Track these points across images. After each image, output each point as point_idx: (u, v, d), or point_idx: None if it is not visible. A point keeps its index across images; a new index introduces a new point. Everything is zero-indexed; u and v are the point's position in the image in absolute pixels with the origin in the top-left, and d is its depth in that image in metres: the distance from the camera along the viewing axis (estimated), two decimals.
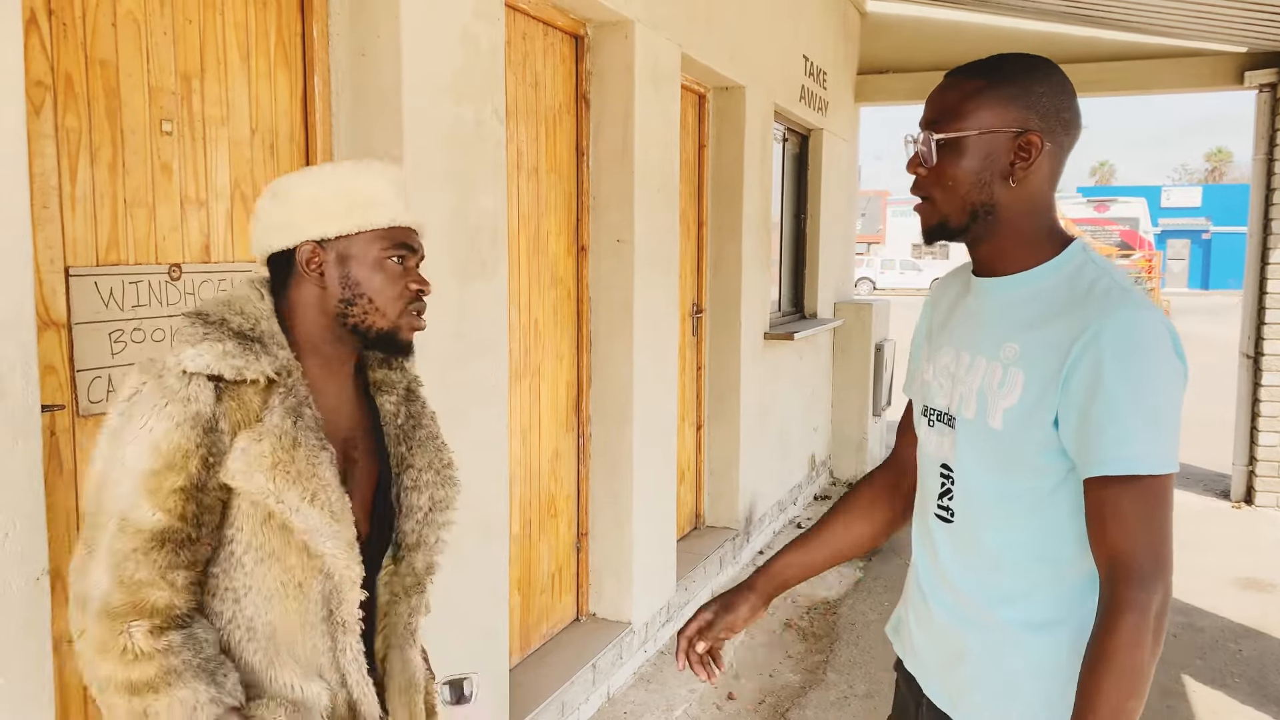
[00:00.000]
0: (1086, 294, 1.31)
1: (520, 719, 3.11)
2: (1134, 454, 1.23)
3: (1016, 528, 1.36)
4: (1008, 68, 1.35)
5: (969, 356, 1.40)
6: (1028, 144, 1.33)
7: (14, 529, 1.55)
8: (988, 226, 1.36)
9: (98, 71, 1.89)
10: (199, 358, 1.25)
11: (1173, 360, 1.28)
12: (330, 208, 1.35)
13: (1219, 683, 3.94)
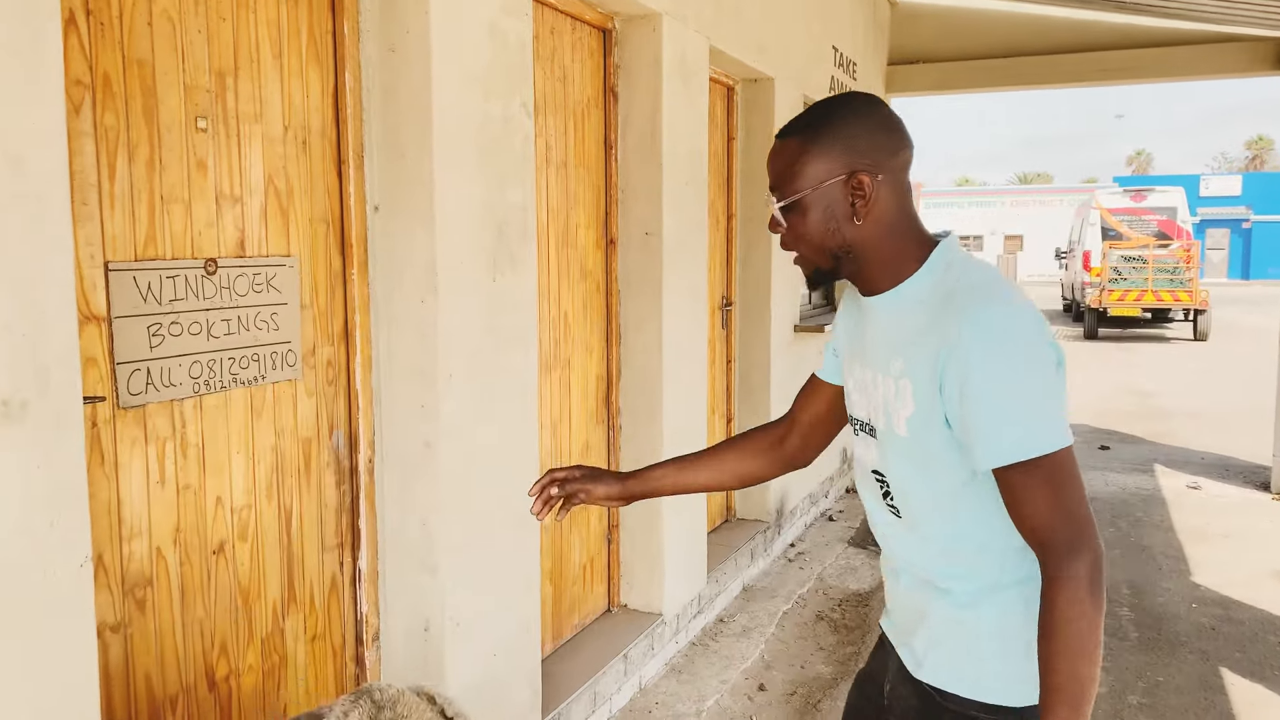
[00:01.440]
0: (947, 300, 1.38)
1: (553, 708, 3.14)
2: (1020, 441, 1.30)
3: (952, 518, 1.45)
4: (820, 121, 1.43)
5: (871, 372, 1.50)
6: (859, 184, 1.41)
7: (59, 517, 1.59)
8: (853, 262, 1.46)
9: (134, 70, 1.93)
10: None
11: (1034, 345, 1.33)
12: None
13: (1258, 675, 3.89)
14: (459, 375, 2.60)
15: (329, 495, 2.46)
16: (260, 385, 2.24)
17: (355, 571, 2.55)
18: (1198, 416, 9.89)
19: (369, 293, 2.52)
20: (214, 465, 2.13)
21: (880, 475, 1.52)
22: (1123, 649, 4.14)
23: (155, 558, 2.00)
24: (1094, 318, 18.17)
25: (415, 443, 2.55)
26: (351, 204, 2.46)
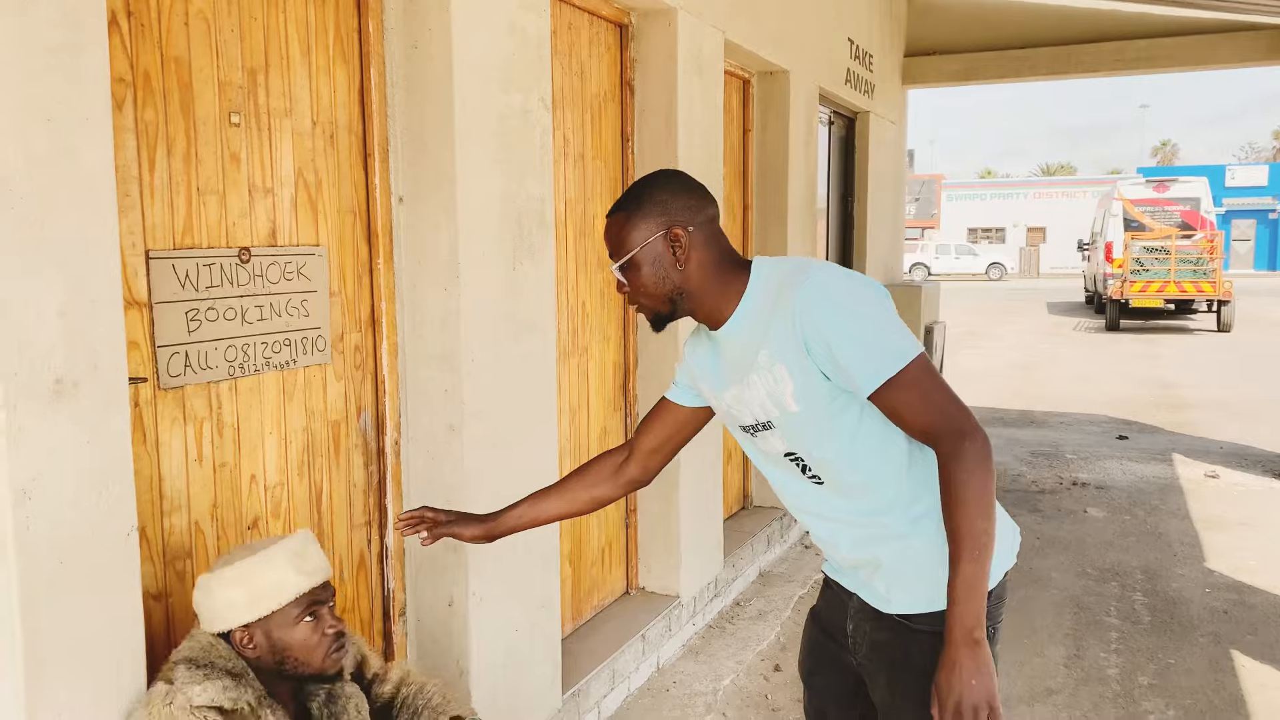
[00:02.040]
0: (779, 289, 1.67)
1: (572, 684, 3.23)
2: (880, 365, 1.58)
3: (864, 459, 1.69)
4: (637, 196, 1.74)
5: (743, 382, 1.74)
6: (674, 237, 1.71)
7: (107, 488, 1.69)
8: (688, 301, 1.75)
9: (172, 68, 2.03)
10: (202, 695, 1.66)
11: (856, 290, 1.64)
12: (240, 604, 1.76)
13: (1268, 657, 3.93)
14: (480, 361, 2.69)
15: (357, 475, 2.57)
16: (292, 369, 2.34)
17: (383, 548, 2.65)
18: (1218, 407, 9.87)
19: (394, 281, 2.62)
20: (248, 445, 2.24)
21: (793, 455, 1.75)
22: (1135, 632, 4.20)
23: (194, 531, 2.10)
24: (1115, 309, 18.09)
25: (439, 425, 2.65)
26: (377, 195, 2.56)
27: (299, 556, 1.82)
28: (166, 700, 1.66)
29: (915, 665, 1.69)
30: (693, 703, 3.59)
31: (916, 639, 1.70)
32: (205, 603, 1.80)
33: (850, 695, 1.90)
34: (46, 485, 1.59)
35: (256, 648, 1.78)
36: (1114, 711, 3.50)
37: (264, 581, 1.77)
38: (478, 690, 2.72)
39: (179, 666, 1.72)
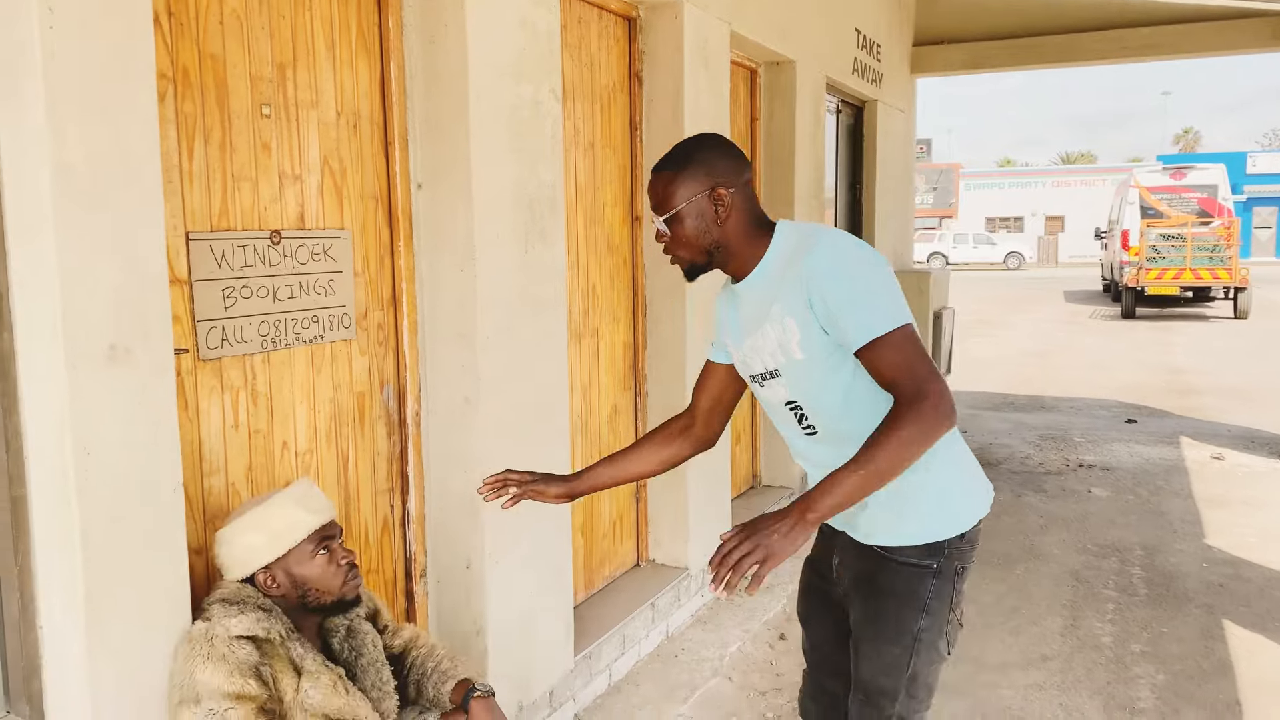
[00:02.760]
0: (795, 249, 1.88)
1: (585, 647, 3.40)
2: (870, 325, 1.75)
3: (854, 412, 1.87)
4: (685, 155, 1.92)
5: (759, 332, 1.93)
6: (718, 196, 1.89)
7: (156, 446, 1.87)
8: (722, 254, 1.94)
9: (209, 64, 2.20)
10: (240, 625, 1.85)
11: (861, 257, 1.82)
12: (260, 546, 1.95)
13: (1259, 626, 4.06)
14: (495, 338, 2.86)
15: (381, 444, 2.74)
16: (320, 344, 2.52)
17: (404, 514, 2.82)
18: (1229, 392, 9.93)
19: (414, 262, 2.79)
20: (280, 414, 2.41)
21: (793, 404, 1.95)
22: (1131, 603, 4.33)
23: (230, 493, 2.28)
24: (1131, 297, 18.09)
25: (457, 398, 2.82)
26: (398, 182, 2.73)
27: (305, 498, 2.02)
28: (207, 635, 1.83)
29: (889, 590, 1.92)
30: (700, 667, 3.76)
31: (892, 568, 1.92)
32: (226, 553, 1.98)
33: (844, 635, 2.08)
34: (104, 441, 1.77)
35: (280, 585, 1.97)
36: (1105, 675, 3.64)
37: (278, 523, 1.96)
38: (494, 648, 2.89)
39: (214, 606, 1.90)
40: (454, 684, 2.21)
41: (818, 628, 2.18)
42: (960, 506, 1.95)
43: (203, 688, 1.77)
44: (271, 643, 1.87)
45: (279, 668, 1.86)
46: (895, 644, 1.93)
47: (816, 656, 2.20)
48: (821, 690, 2.19)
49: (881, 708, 1.96)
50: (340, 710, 1.92)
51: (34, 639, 1.79)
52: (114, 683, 1.79)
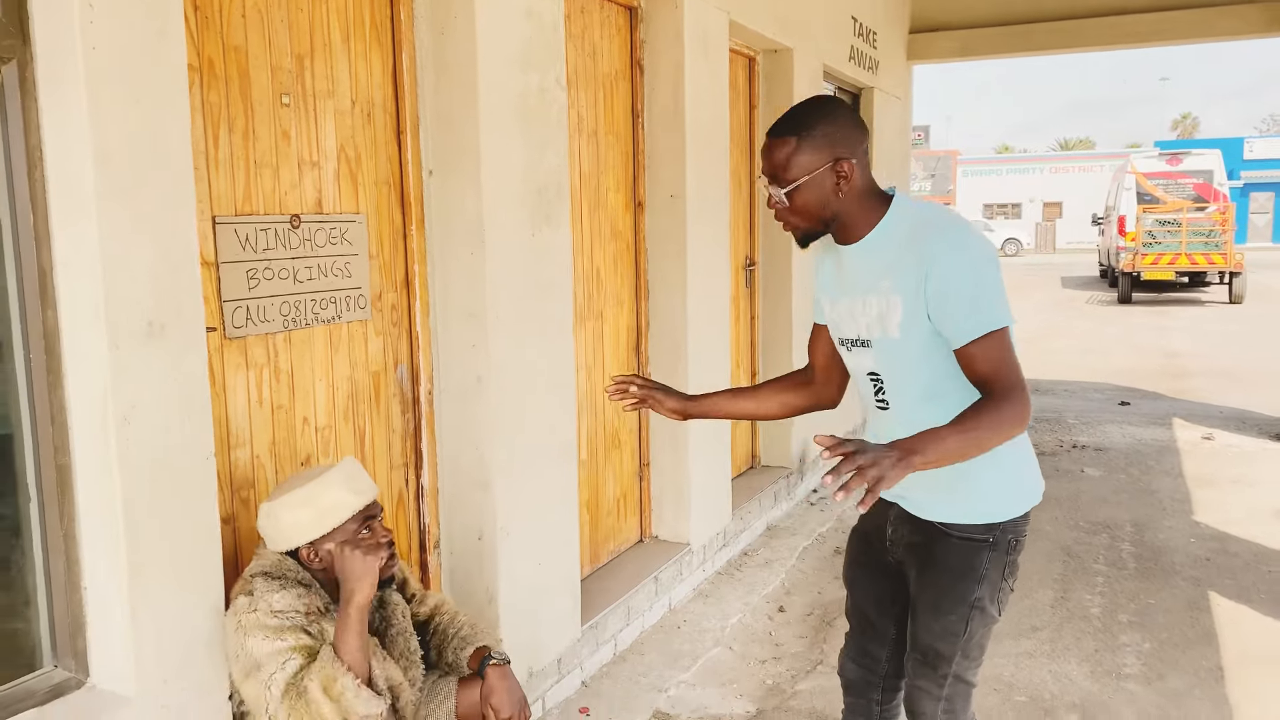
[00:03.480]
0: (915, 231, 1.91)
1: (590, 618, 3.52)
2: (981, 322, 1.82)
3: (929, 399, 1.94)
4: (807, 124, 1.90)
5: (860, 299, 1.99)
6: (841, 168, 1.90)
7: (190, 417, 1.98)
8: (837, 223, 1.96)
9: (232, 55, 2.30)
10: (281, 601, 1.95)
11: (985, 256, 1.86)
12: (306, 523, 2.04)
13: (1244, 598, 4.18)
14: (504, 319, 2.97)
15: (395, 421, 2.85)
16: (337, 324, 2.63)
17: (419, 487, 2.94)
18: (1221, 375, 10.06)
19: (426, 246, 2.89)
20: (301, 390, 2.52)
21: (875, 375, 2.01)
22: (1120, 576, 4.46)
23: (255, 465, 2.39)
24: (1128, 282, 18.21)
25: (468, 377, 2.93)
26: (409, 168, 2.83)
27: (352, 479, 2.11)
28: (251, 608, 1.94)
29: (946, 563, 2.01)
30: (702, 638, 3.88)
31: (947, 542, 2.01)
32: (271, 526, 2.07)
33: (887, 599, 2.21)
34: (142, 412, 1.88)
35: (321, 560, 2.07)
36: (1093, 644, 3.77)
37: (325, 502, 2.06)
38: (505, 617, 3.01)
39: (256, 579, 2.01)
40: (472, 650, 2.32)
41: (863, 594, 2.27)
42: (1017, 493, 2.02)
43: (260, 655, 1.89)
44: (311, 615, 1.98)
45: (324, 626, 1.98)
46: (952, 612, 2.01)
47: (860, 621, 2.29)
48: (864, 653, 2.29)
49: (938, 668, 2.07)
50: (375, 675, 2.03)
51: (79, 599, 1.90)
52: (154, 639, 1.91)
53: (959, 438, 1.72)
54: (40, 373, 1.85)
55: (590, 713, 3.29)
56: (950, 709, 2.10)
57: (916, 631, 2.10)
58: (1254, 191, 38.56)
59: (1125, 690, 3.40)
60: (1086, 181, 42.34)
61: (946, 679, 2.07)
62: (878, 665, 2.26)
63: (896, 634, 2.22)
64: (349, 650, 1.91)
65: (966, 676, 2.09)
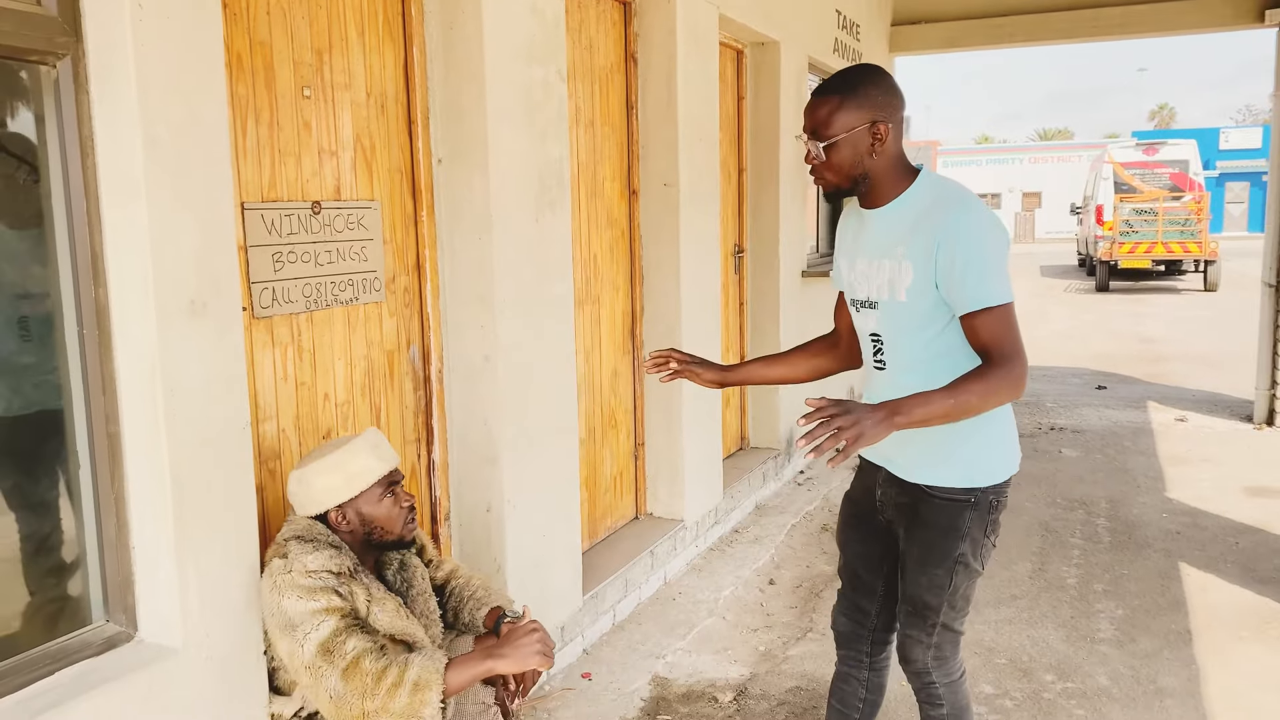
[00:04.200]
0: (934, 204, 2.05)
1: (591, 589, 3.68)
2: (984, 295, 1.97)
3: (923, 364, 2.10)
4: (852, 86, 2.05)
5: (875, 262, 2.14)
6: (877, 131, 2.04)
7: (229, 389, 2.12)
8: (865, 184, 2.12)
9: (258, 50, 2.43)
10: (315, 561, 2.07)
11: (996, 234, 2.00)
12: (337, 486, 2.18)
13: (1212, 568, 4.38)
14: (510, 301, 3.11)
15: (408, 398, 3.00)
16: (355, 305, 2.76)
17: (430, 462, 3.08)
18: (1196, 359, 10.31)
19: (436, 231, 3.03)
20: (322, 368, 2.66)
21: (877, 336, 2.17)
22: (1095, 549, 4.65)
23: (281, 437, 2.53)
24: (1105, 270, 18.51)
25: (476, 356, 3.07)
26: (420, 157, 2.97)
27: (376, 446, 2.25)
28: (286, 569, 2.07)
29: (932, 523, 2.17)
30: (696, 609, 4.05)
31: (932, 504, 2.16)
32: (302, 492, 2.21)
33: (876, 558, 2.37)
34: (187, 384, 2.02)
35: (349, 523, 2.21)
36: (1069, 611, 3.96)
37: (354, 467, 2.20)
38: (511, 585, 3.17)
39: (290, 543, 2.14)
40: (487, 611, 2.47)
41: (854, 554, 2.43)
42: (998, 461, 2.15)
43: (294, 614, 2.02)
44: (342, 575, 2.12)
45: (354, 588, 2.12)
46: (939, 567, 2.17)
47: (851, 579, 2.45)
48: (855, 608, 2.45)
49: (927, 618, 2.24)
50: (402, 631, 2.18)
51: (128, 558, 2.04)
52: (197, 596, 2.05)
53: (946, 401, 1.87)
54: (92, 347, 1.98)
55: (592, 677, 3.45)
56: (940, 655, 2.27)
57: (906, 585, 2.27)
58: (1229, 181, 39.03)
59: (1098, 652, 3.59)
60: (1065, 171, 42.72)
61: (935, 628, 2.24)
62: (867, 619, 2.43)
63: (885, 591, 2.39)
64: (458, 678, 2.06)
65: (954, 625, 2.26)
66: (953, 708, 2.33)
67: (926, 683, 2.31)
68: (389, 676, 2.01)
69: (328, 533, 2.20)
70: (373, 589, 2.16)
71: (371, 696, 1.99)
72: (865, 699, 2.48)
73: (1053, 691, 3.31)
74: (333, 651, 2.01)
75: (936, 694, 2.31)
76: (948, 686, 2.31)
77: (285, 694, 2.20)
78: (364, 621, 2.10)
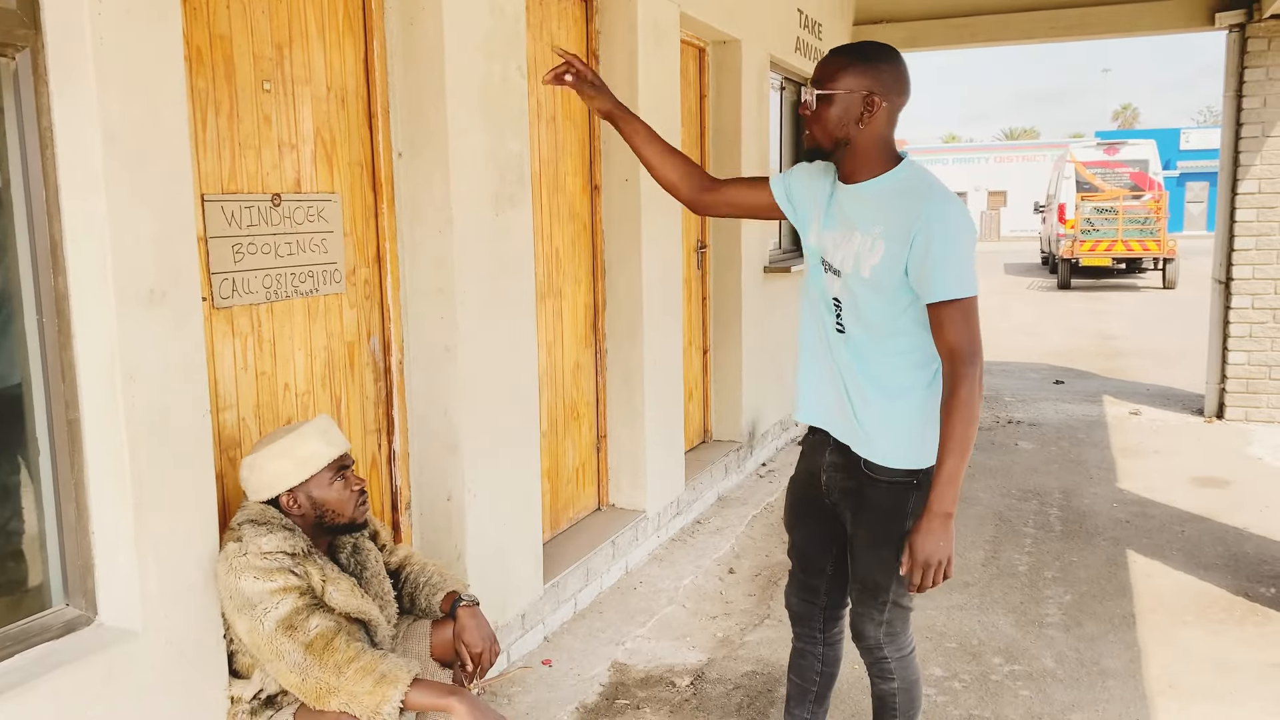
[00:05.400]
0: (915, 192, 2.12)
1: (552, 577, 3.74)
2: (954, 288, 2.06)
3: (888, 335, 2.18)
4: (866, 55, 2.12)
5: (847, 233, 2.20)
6: (871, 102, 2.10)
7: (188, 377, 2.15)
8: (846, 152, 2.17)
9: (218, 44, 2.47)
10: (269, 543, 2.12)
11: (968, 229, 2.09)
12: (289, 471, 2.23)
13: (1158, 555, 4.51)
14: (470, 293, 3.16)
15: (369, 389, 3.04)
16: (315, 296, 2.80)
17: (390, 452, 3.13)
18: (1152, 355, 10.52)
19: (396, 224, 3.07)
20: (282, 358, 2.70)
21: (837, 301, 2.23)
22: (1047, 538, 4.77)
23: (241, 426, 2.57)
24: (1067, 268, 18.80)
25: (437, 347, 3.12)
26: (380, 151, 3.01)
27: (326, 432, 2.31)
28: (241, 552, 2.12)
29: (877, 504, 2.25)
30: (657, 597, 4.12)
31: (878, 486, 2.24)
32: (254, 477, 2.25)
33: (826, 539, 2.44)
34: (146, 371, 2.05)
35: (301, 507, 2.26)
36: (1019, 597, 4.06)
37: (304, 452, 2.25)
38: (472, 573, 3.21)
39: (244, 526, 2.19)
40: (443, 595, 2.53)
41: (802, 535, 2.50)
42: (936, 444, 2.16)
43: (252, 594, 2.07)
44: (296, 556, 2.17)
45: (308, 568, 2.17)
46: (886, 546, 2.25)
47: (801, 559, 2.53)
48: (805, 587, 2.53)
49: (877, 596, 2.32)
50: (357, 610, 2.23)
51: (88, 543, 2.07)
52: (157, 580, 2.09)
53: (952, 460, 2.04)
54: (51, 334, 2.01)
55: (552, 664, 3.51)
56: (891, 631, 2.37)
57: (856, 566, 2.35)
58: (1190, 181, 39.67)
59: (1046, 636, 3.69)
60: (1030, 171, 43.20)
61: (886, 605, 2.33)
62: (818, 598, 2.51)
63: (833, 570, 2.47)
64: (419, 696, 2.08)
65: (904, 603, 2.35)
66: (903, 681, 2.42)
67: (879, 657, 2.40)
68: (361, 660, 2.07)
69: (280, 516, 2.24)
70: (327, 570, 2.21)
71: (339, 674, 2.05)
72: (821, 671, 2.58)
73: (1000, 673, 3.41)
74: (296, 628, 2.06)
75: (888, 668, 2.41)
76: (899, 661, 2.40)
77: (244, 676, 2.24)
78: (321, 601, 2.14)
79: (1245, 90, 6.82)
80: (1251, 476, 5.77)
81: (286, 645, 2.06)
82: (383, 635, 2.34)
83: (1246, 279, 7.03)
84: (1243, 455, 6.27)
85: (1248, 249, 7.00)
